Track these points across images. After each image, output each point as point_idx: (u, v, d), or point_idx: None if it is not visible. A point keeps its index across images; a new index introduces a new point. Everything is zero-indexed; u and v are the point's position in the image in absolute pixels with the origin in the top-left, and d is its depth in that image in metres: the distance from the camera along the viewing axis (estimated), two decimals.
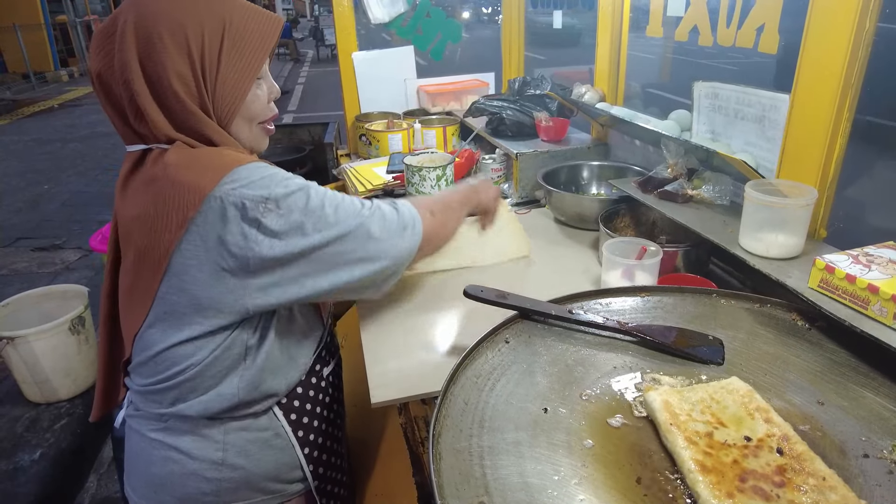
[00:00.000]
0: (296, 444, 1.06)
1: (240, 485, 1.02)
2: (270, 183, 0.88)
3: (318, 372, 1.11)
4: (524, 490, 0.68)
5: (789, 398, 0.83)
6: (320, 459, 1.12)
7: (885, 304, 0.84)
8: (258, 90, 0.98)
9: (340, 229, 0.92)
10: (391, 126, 2.30)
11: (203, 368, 0.94)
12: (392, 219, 0.98)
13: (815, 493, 0.64)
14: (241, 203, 0.86)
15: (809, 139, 1.12)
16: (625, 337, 0.96)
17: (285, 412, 1.05)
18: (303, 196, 0.90)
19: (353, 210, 0.95)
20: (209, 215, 0.85)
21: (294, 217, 0.88)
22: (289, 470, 1.07)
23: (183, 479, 1.00)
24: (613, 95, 1.84)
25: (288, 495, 1.08)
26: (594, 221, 1.50)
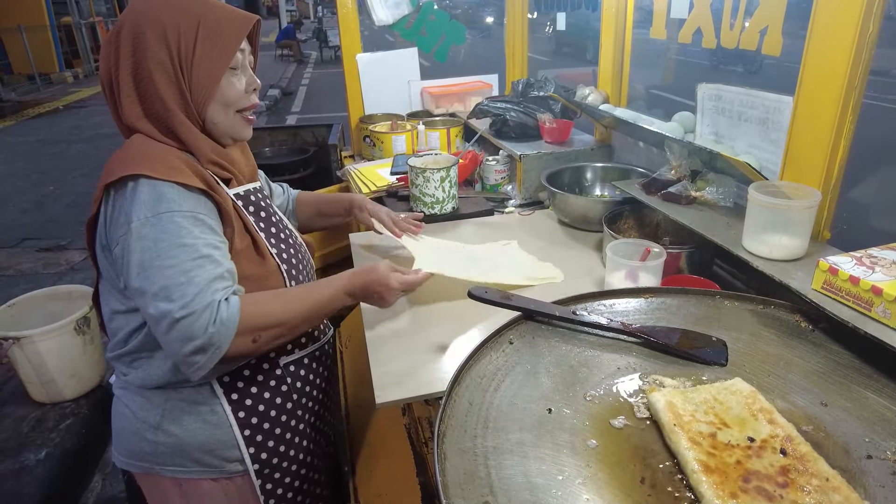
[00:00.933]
0: (234, 423, 1.11)
1: (175, 451, 1.10)
2: (143, 209, 0.96)
3: (272, 359, 1.15)
4: (528, 490, 0.69)
5: (793, 399, 0.83)
6: (265, 445, 1.15)
7: (889, 306, 0.84)
8: (233, 78, 1.07)
9: (152, 302, 0.94)
10: (395, 128, 2.31)
11: (138, 344, 1.06)
12: (195, 334, 0.93)
13: (818, 494, 0.64)
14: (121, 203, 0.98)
15: (813, 141, 1.12)
16: (629, 338, 0.97)
17: (226, 391, 1.10)
18: (158, 248, 0.94)
19: (174, 297, 0.93)
20: (106, 203, 1.00)
21: (142, 253, 0.95)
22: (224, 448, 1.12)
23: (129, 435, 1.12)
24: (617, 97, 1.84)
25: (228, 473, 1.13)
26: (598, 223, 1.50)
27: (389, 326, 1.24)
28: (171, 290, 0.93)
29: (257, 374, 1.13)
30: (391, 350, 1.16)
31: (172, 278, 0.93)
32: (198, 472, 1.12)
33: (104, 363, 2.71)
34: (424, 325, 1.24)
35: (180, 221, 0.96)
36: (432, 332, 1.21)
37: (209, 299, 0.94)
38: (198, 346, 0.93)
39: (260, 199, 1.18)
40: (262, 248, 1.12)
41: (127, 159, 0.99)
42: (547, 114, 1.92)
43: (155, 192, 0.96)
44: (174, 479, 1.13)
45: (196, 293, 0.94)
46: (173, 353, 0.95)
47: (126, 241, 0.95)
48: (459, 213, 1.76)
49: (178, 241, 0.95)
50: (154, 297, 0.93)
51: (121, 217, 0.97)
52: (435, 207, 1.72)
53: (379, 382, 1.06)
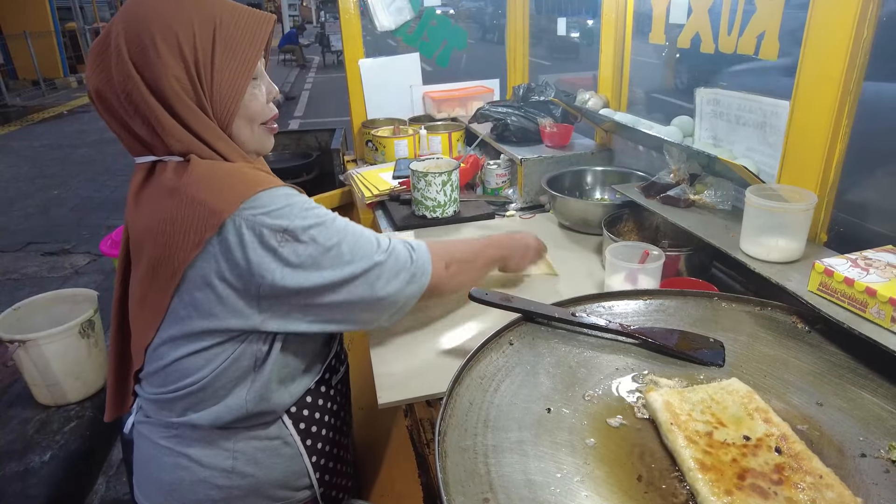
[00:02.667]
0: (304, 452, 1.08)
1: (249, 492, 1.03)
2: (290, 213, 0.90)
3: (327, 381, 1.13)
4: (527, 487, 0.70)
5: (789, 399, 0.84)
6: (327, 467, 1.13)
7: (883, 307, 0.85)
8: (255, 90, 0.98)
9: (353, 269, 0.95)
10: (397, 132, 2.33)
11: (212, 380, 0.96)
12: (404, 265, 1.01)
13: (812, 491, 0.66)
14: (260, 230, 0.87)
15: (810, 145, 1.13)
16: (627, 339, 0.98)
17: (294, 421, 1.06)
18: (322, 230, 0.92)
19: (369, 250, 0.97)
20: (226, 238, 0.87)
21: (310, 250, 0.91)
22: (296, 478, 1.08)
23: (193, 485, 1.01)
24: (617, 101, 1.86)
25: (295, 501, 1.10)
26: (598, 226, 1.52)
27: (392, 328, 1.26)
28: (360, 248, 0.95)
29: (318, 399, 1.11)
30: (393, 351, 1.17)
31: (354, 241, 0.95)
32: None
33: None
34: (425, 326, 1.25)
35: (319, 210, 0.95)
36: (433, 334, 1.22)
37: (392, 240, 1.01)
38: (410, 273, 1.00)
39: None
40: None
41: (230, 188, 0.88)
42: (548, 118, 1.94)
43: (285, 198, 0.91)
44: None
45: (379, 239, 0.99)
46: (388, 295, 0.98)
47: (287, 249, 0.89)
48: (461, 217, 1.77)
49: (332, 220, 0.95)
50: (350, 262, 0.94)
51: (264, 233, 0.88)
52: (437, 211, 1.73)
53: (381, 384, 1.08)
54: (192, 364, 0.95)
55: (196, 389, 0.97)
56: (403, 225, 1.76)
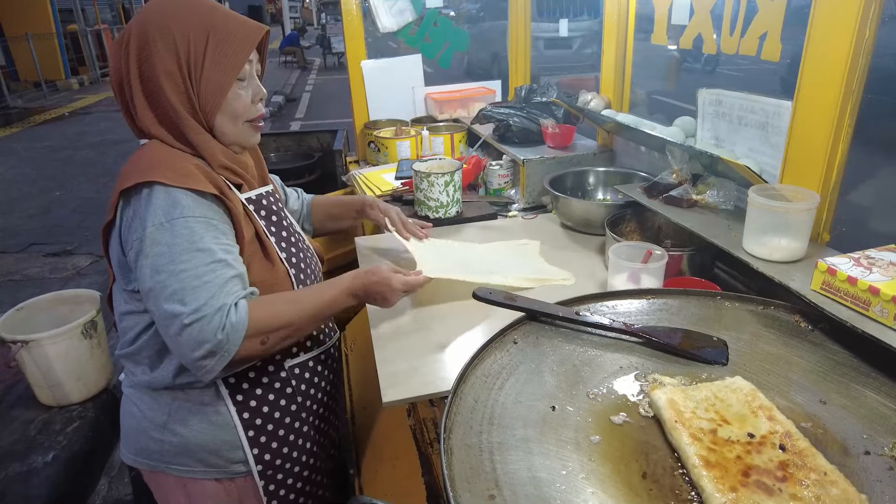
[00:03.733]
0: (238, 424, 1.13)
1: (180, 451, 1.12)
2: (158, 219, 0.97)
3: (277, 362, 1.17)
4: (533, 484, 0.70)
5: (792, 397, 0.85)
6: (268, 447, 1.16)
7: (886, 306, 0.85)
8: (241, 90, 1.09)
9: (164, 306, 0.96)
10: (399, 133, 2.34)
11: (143, 344, 1.08)
12: (206, 339, 0.95)
13: (816, 488, 0.66)
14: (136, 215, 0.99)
15: (812, 145, 1.14)
16: (631, 338, 0.98)
17: (231, 392, 1.12)
18: (165, 254, 0.97)
19: (180, 303, 0.95)
20: (123, 209, 1.01)
21: (149, 260, 0.97)
22: (229, 448, 1.14)
23: (137, 433, 1.14)
24: (619, 102, 1.86)
25: (231, 473, 1.15)
26: (600, 226, 1.52)
27: (394, 327, 1.26)
28: (183, 294, 0.95)
29: (262, 377, 1.15)
30: (397, 350, 1.17)
31: (185, 282, 0.96)
32: (202, 473, 1.14)
33: (111, 367, 2.73)
34: (429, 325, 1.26)
35: (194, 226, 0.98)
36: (437, 333, 1.23)
37: (220, 303, 0.96)
38: (208, 350, 0.96)
39: (272, 203, 1.20)
40: (272, 254, 1.14)
41: (142, 166, 1.01)
42: (550, 119, 1.95)
43: (169, 199, 0.98)
44: (179, 479, 1.15)
45: (208, 298, 0.96)
46: (183, 356, 0.98)
47: (140, 245, 0.97)
48: (463, 217, 1.78)
49: (192, 246, 0.97)
50: (167, 300, 0.96)
51: (136, 222, 0.99)
52: (439, 211, 1.74)
53: (385, 382, 1.08)
54: (128, 323, 1.10)
55: (133, 350, 1.10)
56: None
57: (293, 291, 1.14)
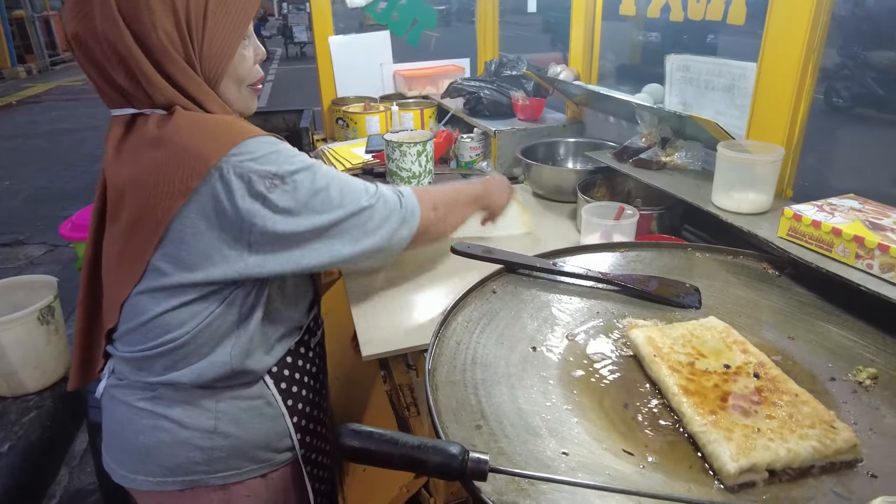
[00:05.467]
0: (285, 412, 1.07)
1: (231, 453, 1.02)
2: (278, 158, 0.89)
3: (306, 342, 1.13)
4: (518, 415, 0.71)
5: (763, 335, 0.88)
6: (307, 428, 1.12)
7: (848, 245, 0.89)
8: (245, 50, 0.97)
9: (343, 213, 0.95)
10: (368, 109, 2.32)
11: (195, 335, 0.94)
12: (393, 208, 1.01)
13: (789, 408, 0.69)
14: (248, 177, 0.86)
15: (776, 104, 1.18)
16: (607, 286, 1.00)
17: (275, 381, 1.05)
18: (310, 174, 0.91)
19: (357, 194, 0.97)
20: (214, 185, 0.85)
21: (299, 195, 0.90)
22: (279, 439, 1.07)
23: (173, 448, 0.99)
24: (587, 75, 1.89)
25: (276, 464, 1.08)
26: (572, 193, 1.54)
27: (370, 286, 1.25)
28: (349, 192, 0.96)
29: (297, 360, 1.10)
30: (374, 307, 1.17)
31: (343, 185, 0.95)
32: (250, 472, 1.05)
33: (68, 354, 2.64)
34: (406, 282, 1.25)
35: (305, 156, 0.94)
36: (414, 290, 1.22)
37: (379, 186, 1.02)
38: (401, 217, 1.01)
39: None
40: None
41: (217, 136, 0.87)
42: (520, 91, 1.96)
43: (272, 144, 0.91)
44: (221, 487, 1.03)
45: (367, 185, 1.00)
46: (382, 237, 0.99)
47: (277, 194, 0.88)
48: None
49: (319, 165, 0.95)
50: (339, 206, 0.94)
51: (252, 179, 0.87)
52: (412, 182, 1.73)
53: (364, 338, 1.07)
54: (175, 319, 0.93)
55: (178, 345, 0.94)
56: None
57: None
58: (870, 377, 0.77)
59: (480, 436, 0.68)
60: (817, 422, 0.66)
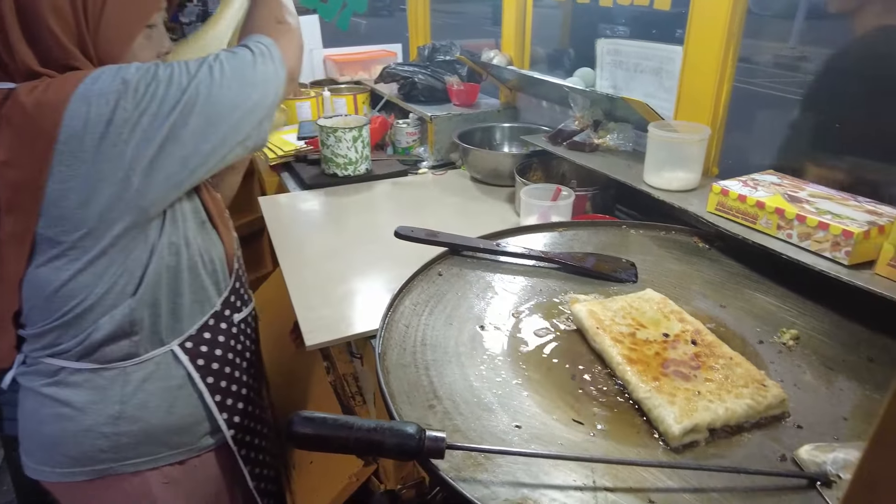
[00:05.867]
0: (205, 390, 1.02)
1: (141, 439, 0.98)
2: (126, 71, 0.83)
3: (227, 317, 1.08)
4: (470, 392, 0.72)
5: (696, 305, 0.92)
6: (236, 408, 1.08)
7: (770, 217, 0.95)
8: (147, 40, 0.93)
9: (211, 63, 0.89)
10: (298, 94, 2.25)
11: (99, 299, 0.90)
12: (256, 48, 0.96)
13: (725, 370, 0.73)
14: (105, 99, 0.81)
15: (701, 86, 1.23)
16: (548, 265, 1.02)
17: (191, 357, 1.01)
18: (164, 72, 0.85)
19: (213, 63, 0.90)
20: (75, 124, 0.80)
21: (160, 92, 0.84)
22: (198, 421, 1.03)
23: (77, 437, 0.95)
24: (520, 59, 1.91)
25: (200, 449, 1.04)
26: (509, 177, 1.56)
27: (310, 276, 1.23)
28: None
29: (217, 335, 1.05)
30: (315, 297, 1.14)
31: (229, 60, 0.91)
32: (166, 457, 1.01)
33: None
34: (346, 270, 1.24)
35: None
36: (354, 278, 1.21)
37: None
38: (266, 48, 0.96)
39: None
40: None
41: (63, 83, 0.81)
42: (454, 77, 1.96)
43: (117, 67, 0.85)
44: (134, 475, 0.99)
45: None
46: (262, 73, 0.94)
47: (147, 87, 0.83)
48: (374, 175, 1.75)
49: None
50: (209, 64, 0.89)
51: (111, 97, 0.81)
52: (348, 168, 1.70)
53: (307, 327, 1.05)
54: (79, 283, 0.89)
55: (83, 310, 0.91)
56: (313, 184, 1.71)
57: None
58: (792, 338, 0.83)
59: (434, 415, 0.68)
60: (750, 381, 0.70)
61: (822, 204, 0.94)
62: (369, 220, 1.51)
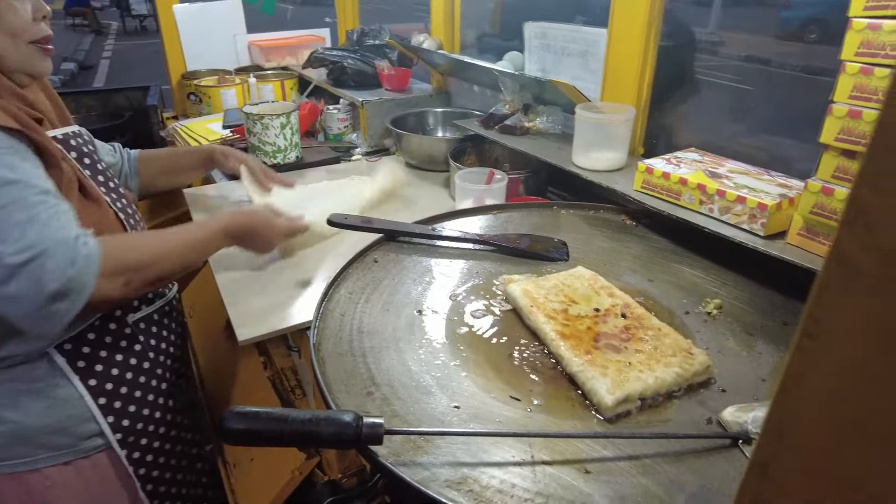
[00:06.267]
0: (86, 394, 0.98)
1: (12, 440, 0.94)
2: None
3: (118, 318, 1.03)
4: (408, 376, 0.71)
5: (626, 280, 0.95)
6: (125, 411, 1.04)
7: (693, 193, 0.99)
8: (16, 2, 0.91)
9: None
10: (223, 82, 2.17)
11: None
12: (48, 280, 0.77)
13: (654, 341, 0.75)
14: None
15: (625, 67, 1.26)
16: (484, 247, 1.03)
17: (70, 359, 0.96)
18: None
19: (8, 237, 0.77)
20: None
21: None
22: (78, 423, 0.99)
23: None
24: (450, 44, 1.90)
25: (83, 451, 1.00)
26: (443, 162, 1.56)
27: (242, 268, 1.18)
28: (8, 232, 0.76)
29: (105, 336, 1.00)
30: (248, 291, 1.10)
31: (10, 216, 0.77)
32: (45, 459, 0.97)
33: None
34: (278, 262, 1.20)
35: (4, 158, 0.80)
36: (287, 270, 1.18)
37: (61, 236, 0.79)
38: (56, 290, 0.77)
39: (82, 145, 1.03)
40: (95, 194, 0.97)
41: None
42: (385, 61, 1.93)
43: None
44: (12, 476, 0.96)
45: (42, 230, 0.78)
46: (21, 308, 0.78)
47: None
48: (304, 163, 1.71)
49: (8, 178, 0.78)
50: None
51: None
52: (277, 156, 1.65)
53: (238, 322, 1.01)
54: None
55: None
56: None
57: (155, 231, 0.98)
58: (716, 307, 0.87)
59: (373, 402, 0.67)
60: (677, 350, 0.73)
61: (739, 179, 0.99)
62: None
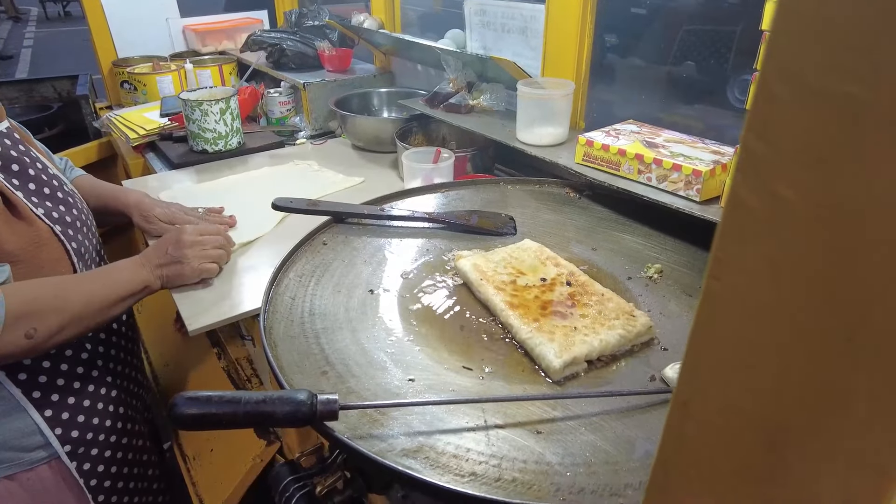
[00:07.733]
0: (29, 406, 0.95)
1: None
2: None
3: None
4: (362, 354, 0.72)
5: (571, 250, 0.98)
6: (74, 423, 1.01)
7: (631, 163, 1.02)
8: None
9: None
10: (158, 68, 2.09)
11: None
12: None
13: (598, 306, 0.78)
14: None
15: (563, 43, 1.28)
16: (434, 225, 1.04)
17: (10, 372, 0.93)
18: None
19: None
20: None
21: None
22: (21, 436, 0.96)
23: None
24: (391, 23, 1.89)
25: (28, 464, 0.98)
26: (390, 143, 1.55)
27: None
28: None
29: None
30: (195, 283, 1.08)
31: None
32: None
33: None
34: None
35: None
36: (237, 257, 1.16)
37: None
38: None
39: (9, 148, 0.96)
40: (23, 210, 0.91)
41: None
42: (325, 42, 1.90)
43: None
44: None
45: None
46: None
47: None
48: (247, 149, 1.67)
49: None
50: None
51: None
52: (218, 143, 1.61)
53: (187, 312, 1.00)
54: None
55: None
56: (182, 162, 1.61)
57: (69, 275, 0.95)
58: (657, 272, 0.91)
59: (327, 381, 0.67)
60: (621, 314, 0.76)
61: (675, 147, 1.03)
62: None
